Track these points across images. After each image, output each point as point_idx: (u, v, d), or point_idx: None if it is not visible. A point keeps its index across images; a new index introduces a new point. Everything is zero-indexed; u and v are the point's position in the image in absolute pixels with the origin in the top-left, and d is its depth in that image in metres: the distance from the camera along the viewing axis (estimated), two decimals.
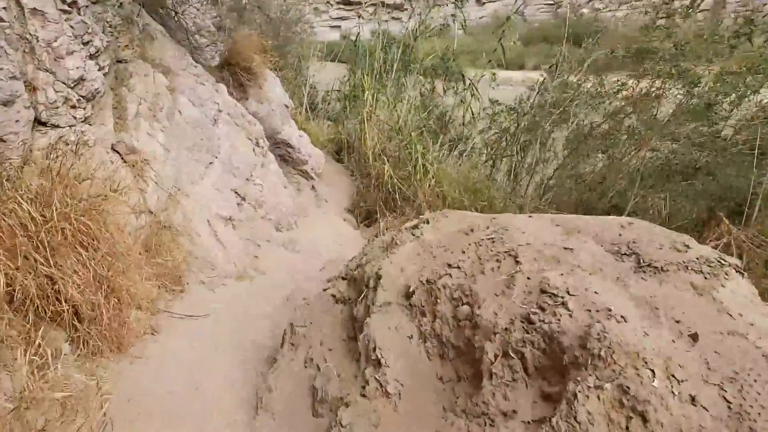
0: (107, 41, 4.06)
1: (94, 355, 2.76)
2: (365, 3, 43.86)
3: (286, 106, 6.54)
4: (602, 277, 1.75)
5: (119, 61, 4.40)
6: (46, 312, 2.66)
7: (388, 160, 6.56)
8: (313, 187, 6.73)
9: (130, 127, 4.12)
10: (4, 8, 3.42)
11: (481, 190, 5.39)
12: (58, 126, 3.55)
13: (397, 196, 6.11)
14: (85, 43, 3.81)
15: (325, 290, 2.90)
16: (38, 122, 3.49)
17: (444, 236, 2.40)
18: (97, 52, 3.92)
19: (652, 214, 4.72)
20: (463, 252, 2.12)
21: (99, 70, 3.93)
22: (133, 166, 4.05)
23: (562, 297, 1.65)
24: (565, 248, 1.92)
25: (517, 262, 1.91)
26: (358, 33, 8.54)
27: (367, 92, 6.81)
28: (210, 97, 4.97)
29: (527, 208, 5.47)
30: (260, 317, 3.61)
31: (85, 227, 2.85)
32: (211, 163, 4.62)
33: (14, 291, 2.57)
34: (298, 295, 3.83)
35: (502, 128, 6.75)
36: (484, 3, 44.08)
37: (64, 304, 2.67)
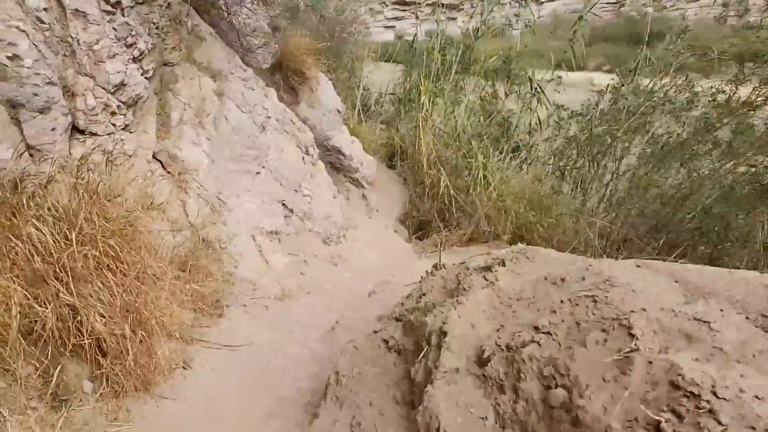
0: (152, 43, 3.80)
1: (117, 395, 2.46)
2: (421, 3, 43.39)
3: (339, 111, 6.19)
4: (757, 368, 1.28)
5: (165, 64, 4.14)
6: (66, 345, 2.38)
7: (444, 169, 6.12)
8: (363, 195, 6.36)
9: (173, 135, 3.85)
10: (45, 9, 3.20)
11: (547, 205, 4.88)
12: (96, 134, 3.29)
13: (453, 207, 5.67)
14: (129, 46, 3.55)
15: (375, 332, 2.49)
16: (76, 130, 3.25)
17: (526, 284, 1.94)
18: (141, 55, 3.66)
19: (756, 243, 4.10)
20: (554, 312, 1.67)
21: (143, 74, 3.67)
22: (175, 176, 3.77)
23: (708, 401, 1.18)
24: (697, 320, 1.44)
25: (631, 335, 1.44)
26: (416, 33, 8.10)
27: (423, 95, 6.37)
28: (259, 103, 4.67)
29: (596, 228, 4.92)
30: (302, 351, 3.25)
31: (113, 250, 2.55)
32: (257, 173, 4.31)
33: (33, 323, 2.29)
34: (345, 326, 3.46)
35: (569, 136, 6.18)
36: (542, 2, 42.72)
37: (86, 336, 2.38)
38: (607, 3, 41.41)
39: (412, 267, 4.84)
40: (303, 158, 4.89)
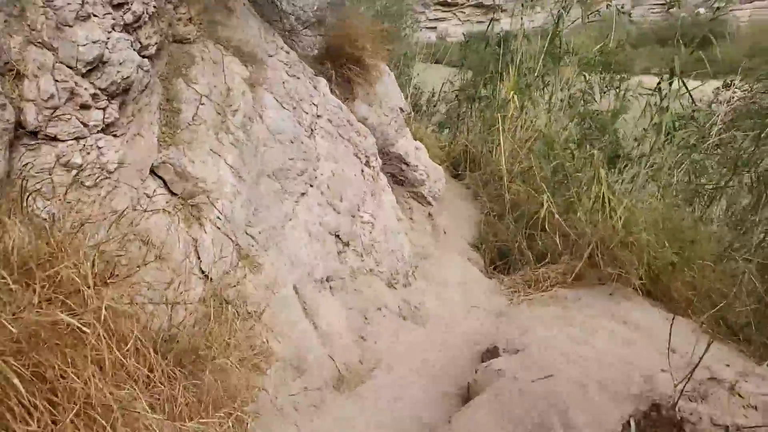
0: (155, 6, 2.52)
1: None
2: (464, 3, 41.82)
3: (401, 110, 4.83)
4: None
5: (177, 41, 2.86)
6: None
7: (539, 185, 4.70)
8: (429, 214, 4.98)
9: (183, 140, 2.56)
10: None
11: (691, 238, 3.40)
12: (55, 138, 2.02)
13: (552, 235, 4.23)
14: (116, 6, 2.26)
15: None
16: (24, 131, 1.98)
17: None
18: (137, 22, 2.37)
19: None
20: None
21: (139, 50, 2.39)
22: (184, 202, 2.48)
23: None
24: None
25: None
26: (491, 22, 6.67)
27: (510, 91, 4.95)
28: (306, 97, 3.35)
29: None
30: None
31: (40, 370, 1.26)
32: (303, 193, 2.99)
33: None
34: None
35: (689, 144, 4.67)
36: (588, 1, 40.40)
37: None
38: (655, 4, 39.02)
39: (509, 317, 3.45)
40: (362, 171, 3.55)
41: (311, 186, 3.04)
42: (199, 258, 2.44)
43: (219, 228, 2.55)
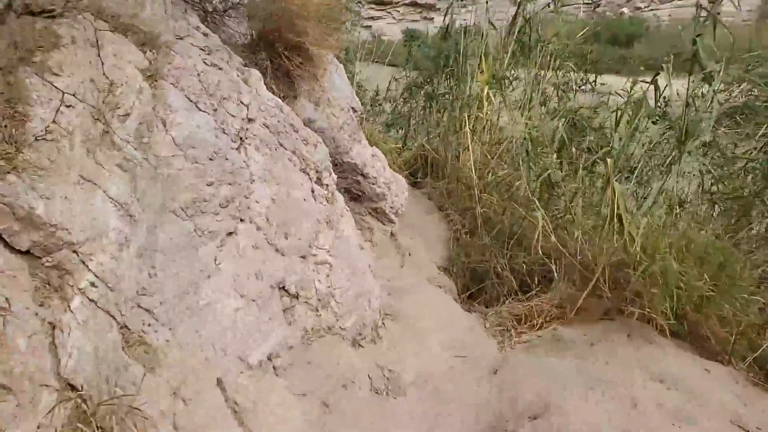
0: None
1: None
2: (398, 2, 41.31)
3: (355, 110, 3.94)
4: None
5: (30, 12, 1.86)
6: None
7: (514, 195, 3.95)
8: (392, 234, 4.13)
9: (31, 164, 1.57)
10: None
11: (727, 265, 2.72)
12: None
13: (543, 257, 3.47)
14: None
15: None
16: None
17: None
18: None
19: None
20: None
21: None
22: (35, 265, 1.51)
23: None
24: None
25: None
26: (449, 14, 5.87)
27: (484, 86, 4.14)
28: (232, 95, 2.40)
29: None
30: None
31: None
32: (231, 233, 2.04)
33: None
34: None
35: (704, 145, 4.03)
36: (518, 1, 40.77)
37: None
38: (582, 3, 39.84)
39: (511, 373, 2.63)
40: (313, 192, 2.63)
41: (242, 221, 2.10)
42: (57, 357, 1.47)
43: (94, 302, 1.58)
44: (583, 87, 5.08)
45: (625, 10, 40.46)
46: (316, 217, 2.54)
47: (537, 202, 3.29)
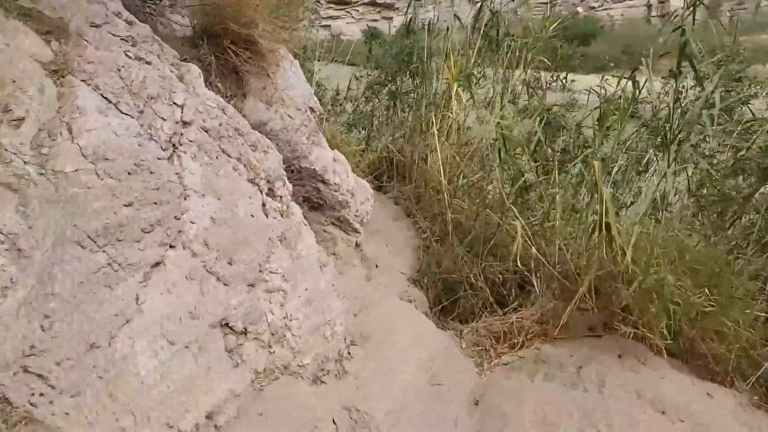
0: None
1: None
2: (357, 1, 40.92)
3: (313, 111, 3.56)
4: None
5: None
6: None
7: (485, 199, 3.66)
8: (357, 245, 3.78)
9: None
10: None
11: (723, 275, 2.48)
12: None
13: (523, 269, 3.17)
14: None
15: None
16: None
17: None
18: None
19: None
20: None
21: None
22: None
23: None
24: None
25: None
26: (411, 8, 5.57)
27: (453, 82, 3.82)
28: (163, 94, 1.99)
29: None
30: None
31: None
32: (157, 264, 1.64)
33: None
34: None
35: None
36: (476, 2, 40.87)
37: None
38: (539, 3, 40.33)
39: (496, 407, 2.32)
40: (264, 206, 2.24)
41: (172, 247, 1.70)
42: None
43: None
44: (553, 84, 4.83)
45: (579, 9, 41.23)
46: (267, 236, 2.17)
47: (514, 209, 2.97)
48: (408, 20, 5.68)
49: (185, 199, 1.81)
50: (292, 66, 3.48)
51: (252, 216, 2.12)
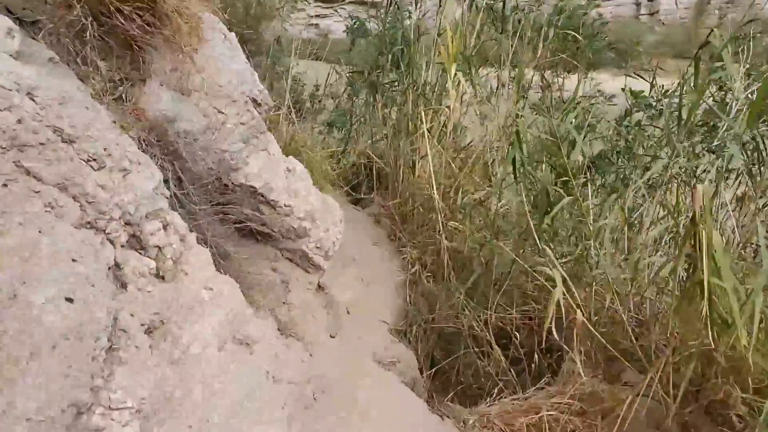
0: None
1: None
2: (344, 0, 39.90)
3: (256, 103, 2.51)
4: None
5: None
6: None
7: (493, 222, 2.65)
8: (320, 287, 2.76)
9: None
10: None
11: None
12: None
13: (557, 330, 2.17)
14: None
15: None
16: None
17: None
18: None
19: None
20: None
21: None
22: None
23: None
24: None
25: None
26: None
27: (451, 65, 2.79)
28: None
29: None
30: None
31: None
32: None
33: None
34: None
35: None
36: None
37: None
38: (524, 2, 39.46)
39: None
40: (118, 266, 1.21)
41: None
42: None
43: None
44: (567, 76, 3.85)
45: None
46: (118, 327, 1.13)
47: (550, 253, 1.95)
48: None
49: None
50: (224, 40, 2.44)
51: (90, 292, 1.08)
